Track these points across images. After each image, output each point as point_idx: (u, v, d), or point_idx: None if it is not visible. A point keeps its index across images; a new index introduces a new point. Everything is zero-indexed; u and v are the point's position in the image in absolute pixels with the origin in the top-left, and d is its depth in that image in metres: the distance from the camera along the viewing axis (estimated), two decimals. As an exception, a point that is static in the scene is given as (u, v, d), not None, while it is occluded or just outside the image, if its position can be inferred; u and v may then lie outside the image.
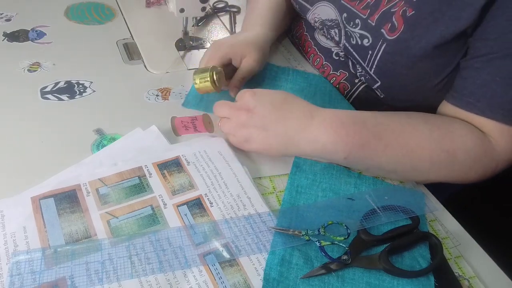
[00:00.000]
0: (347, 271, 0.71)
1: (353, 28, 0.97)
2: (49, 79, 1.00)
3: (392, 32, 0.89)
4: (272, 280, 0.68)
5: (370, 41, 0.94)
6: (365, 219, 0.77)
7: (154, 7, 1.33)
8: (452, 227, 0.81)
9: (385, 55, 0.91)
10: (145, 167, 0.81)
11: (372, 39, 0.93)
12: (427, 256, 0.74)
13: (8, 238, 0.68)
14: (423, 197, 0.84)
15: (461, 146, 0.83)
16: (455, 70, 0.89)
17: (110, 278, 0.65)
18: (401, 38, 0.88)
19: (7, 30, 1.15)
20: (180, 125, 0.93)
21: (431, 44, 0.85)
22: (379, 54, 0.92)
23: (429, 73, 0.90)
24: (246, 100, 0.85)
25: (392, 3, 0.91)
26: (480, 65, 0.83)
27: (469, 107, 0.85)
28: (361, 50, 0.96)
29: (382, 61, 0.93)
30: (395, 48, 0.90)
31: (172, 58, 1.14)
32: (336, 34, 1.03)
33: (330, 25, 1.03)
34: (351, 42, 0.98)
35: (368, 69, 0.96)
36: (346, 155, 0.82)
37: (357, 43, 0.97)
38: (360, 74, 1.02)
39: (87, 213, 0.73)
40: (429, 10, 0.85)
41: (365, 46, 0.95)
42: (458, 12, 0.82)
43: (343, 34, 1.01)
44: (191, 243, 0.71)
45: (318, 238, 0.72)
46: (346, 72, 1.07)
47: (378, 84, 0.97)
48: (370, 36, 0.93)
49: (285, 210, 0.79)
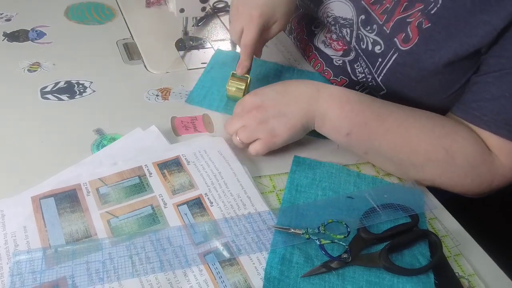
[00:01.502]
0: (347, 269, 0.71)
1: (368, 33, 0.96)
2: (49, 79, 1.00)
3: (405, 43, 0.88)
4: (273, 279, 0.68)
5: (382, 49, 0.93)
6: (365, 217, 0.77)
7: (154, 7, 1.33)
8: (451, 226, 0.81)
9: (396, 66, 0.91)
10: (145, 167, 0.81)
11: (384, 47, 0.92)
12: (427, 254, 0.74)
13: (8, 237, 0.68)
14: (423, 195, 0.84)
15: (461, 148, 0.82)
16: (463, 87, 0.88)
17: (110, 278, 0.65)
18: (414, 51, 0.88)
19: (7, 30, 1.15)
20: (180, 125, 0.93)
21: (443, 60, 0.85)
22: (389, 63, 0.92)
23: (437, 89, 0.90)
24: (251, 101, 0.86)
25: (408, 13, 0.89)
26: (491, 80, 0.83)
27: (475, 120, 0.85)
28: (371, 56, 0.96)
29: (391, 71, 0.92)
30: (407, 59, 0.89)
31: (172, 58, 1.14)
32: (348, 34, 1.01)
33: (343, 24, 1.01)
34: (361, 45, 0.97)
35: (376, 76, 0.96)
36: (348, 131, 0.83)
37: (367, 48, 0.96)
38: (363, 80, 1.02)
39: (87, 213, 0.73)
40: (445, 24, 0.84)
41: (376, 53, 0.94)
42: (474, 29, 0.81)
43: (355, 36, 0.99)
44: (191, 242, 0.71)
45: (318, 236, 0.72)
46: (347, 78, 1.07)
47: (383, 92, 0.97)
48: (383, 43, 0.93)
49: (285, 209, 0.79)
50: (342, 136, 0.84)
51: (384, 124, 0.83)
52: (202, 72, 1.09)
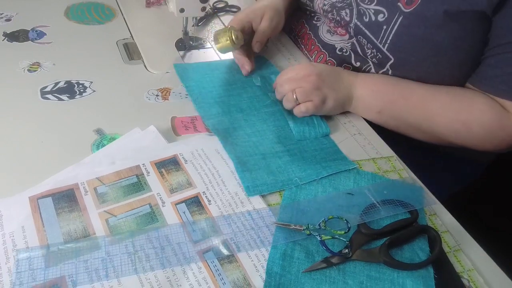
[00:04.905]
0: (348, 265, 0.71)
1: (368, 5, 0.98)
2: (49, 79, 1.00)
3: (408, 5, 0.91)
4: (274, 275, 0.68)
5: (385, 16, 0.94)
6: (365, 213, 0.77)
7: (154, 7, 1.33)
8: (450, 223, 0.81)
9: (401, 28, 0.92)
10: (142, 166, 0.81)
11: (387, 13, 0.94)
12: (426, 249, 0.74)
13: (7, 237, 0.68)
14: (422, 191, 0.84)
15: (478, 118, 0.92)
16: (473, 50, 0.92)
17: (110, 276, 0.66)
18: (418, 10, 0.90)
19: (7, 30, 1.15)
20: (180, 125, 0.93)
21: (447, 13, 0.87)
22: (395, 27, 0.93)
23: (445, 46, 0.91)
24: (308, 69, 0.97)
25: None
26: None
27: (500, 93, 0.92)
28: (374, 26, 0.97)
29: (397, 35, 0.93)
30: (411, 20, 0.91)
31: (172, 58, 1.14)
32: (347, 14, 1.02)
33: (341, 6, 1.03)
34: (364, 20, 0.99)
35: (381, 46, 0.97)
36: (379, 109, 0.98)
37: (371, 20, 0.97)
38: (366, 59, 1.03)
39: (85, 212, 0.73)
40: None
41: (380, 22, 0.95)
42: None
43: (355, 13, 1.01)
44: (190, 240, 0.71)
45: (319, 232, 0.72)
46: (350, 66, 1.08)
47: (390, 61, 0.98)
48: (386, 10, 0.94)
49: (286, 205, 0.79)
50: (374, 113, 0.99)
51: (408, 102, 0.96)
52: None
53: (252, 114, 0.98)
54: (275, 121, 0.97)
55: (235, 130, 0.93)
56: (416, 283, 0.69)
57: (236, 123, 0.95)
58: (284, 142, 0.92)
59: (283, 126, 0.96)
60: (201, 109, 0.97)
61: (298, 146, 0.91)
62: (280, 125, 0.96)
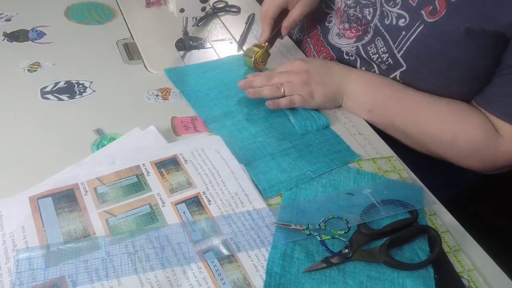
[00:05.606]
0: (348, 265, 0.71)
1: (391, 8, 0.97)
2: (49, 79, 1.01)
3: (432, 15, 0.90)
4: (274, 274, 0.68)
5: (406, 21, 0.94)
6: (365, 213, 0.77)
7: (154, 7, 1.34)
8: (450, 223, 0.81)
9: (420, 37, 0.92)
10: (142, 166, 0.81)
11: (409, 19, 0.94)
12: (426, 249, 0.74)
13: (6, 237, 0.68)
14: (422, 191, 0.84)
15: (467, 133, 0.92)
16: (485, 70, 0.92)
17: (110, 276, 0.65)
18: (439, 22, 0.89)
19: (7, 30, 1.15)
20: (180, 125, 0.93)
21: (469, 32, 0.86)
22: (414, 35, 0.93)
23: (460, 63, 0.91)
24: (300, 65, 1.01)
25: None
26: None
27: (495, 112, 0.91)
28: (394, 30, 0.97)
29: (414, 43, 0.93)
30: (431, 30, 0.90)
31: (172, 58, 1.14)
32: (370, 13, 1.02)
33: (366, 4, 1.03)
34: (385, 22, 0.98)
35: (396, 51, 0.97)
36: (370, 108, 0.99)
37: (391, 23, 0.97)
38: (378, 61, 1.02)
39: (85, 212, 0.73)
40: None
41: (400, 27, 0.95)
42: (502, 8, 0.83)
43: (378, 13, 1.00)
44: (190, 240, 0.71)
45: (319, 232, 0.72)
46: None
47: (402, 69, 0.98)
48: (408, 16, 0.94)
49: (286, 205, 0.79)
50: (365, 112, 1.01)
51: (399, 104, 0.97)
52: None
53: (252, 113, 0.98)
54: (276, 117, 0.98)
55: (240, 133, 0.93)
56: (416, 283, 0.69)
57: (239, 124, 0.95)
58: (289, 138, 0.93)
59: (285, 122, 0.97)
60: (202, 113, 0.97)
61: (303, 141, 0.93)
62: (282, 121, 0.97)
